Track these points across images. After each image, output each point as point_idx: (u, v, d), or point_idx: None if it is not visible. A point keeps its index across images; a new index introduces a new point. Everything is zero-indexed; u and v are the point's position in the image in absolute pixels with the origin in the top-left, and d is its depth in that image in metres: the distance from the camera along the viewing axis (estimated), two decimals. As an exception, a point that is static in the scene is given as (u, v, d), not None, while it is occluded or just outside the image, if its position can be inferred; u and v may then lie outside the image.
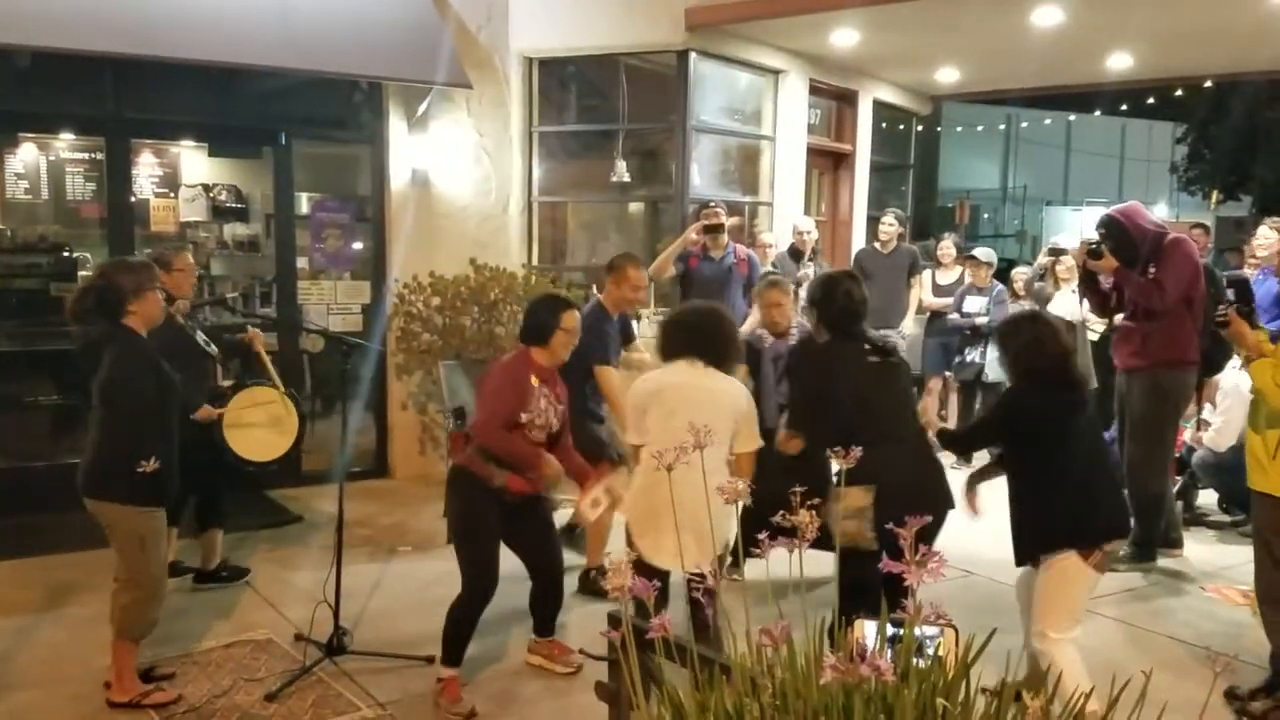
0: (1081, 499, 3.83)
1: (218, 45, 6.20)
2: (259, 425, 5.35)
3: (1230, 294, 4.38)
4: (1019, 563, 4.06)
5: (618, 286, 5.41)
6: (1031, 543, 3.94)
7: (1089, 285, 6.09)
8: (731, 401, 4.02)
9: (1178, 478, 6.71)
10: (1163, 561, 6.02)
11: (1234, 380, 6.06)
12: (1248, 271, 7.03)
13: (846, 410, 4.03)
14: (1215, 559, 6.21)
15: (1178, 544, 6.20)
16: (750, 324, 6.50)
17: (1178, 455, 6.57)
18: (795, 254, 8.24)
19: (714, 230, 6.98)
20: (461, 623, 4.17)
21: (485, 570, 4.15)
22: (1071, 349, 4.13)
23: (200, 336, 5.35)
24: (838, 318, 4.22)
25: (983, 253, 8.66)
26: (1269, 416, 4.05)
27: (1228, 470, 6.38)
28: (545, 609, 4.51)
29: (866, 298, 4.28)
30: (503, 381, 4.22)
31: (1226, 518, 6.93)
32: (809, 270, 8.01)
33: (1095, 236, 5.89)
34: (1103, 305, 6.15)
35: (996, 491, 4.08)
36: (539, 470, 4.20)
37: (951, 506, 4.02)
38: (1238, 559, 5.83)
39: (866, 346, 4.13)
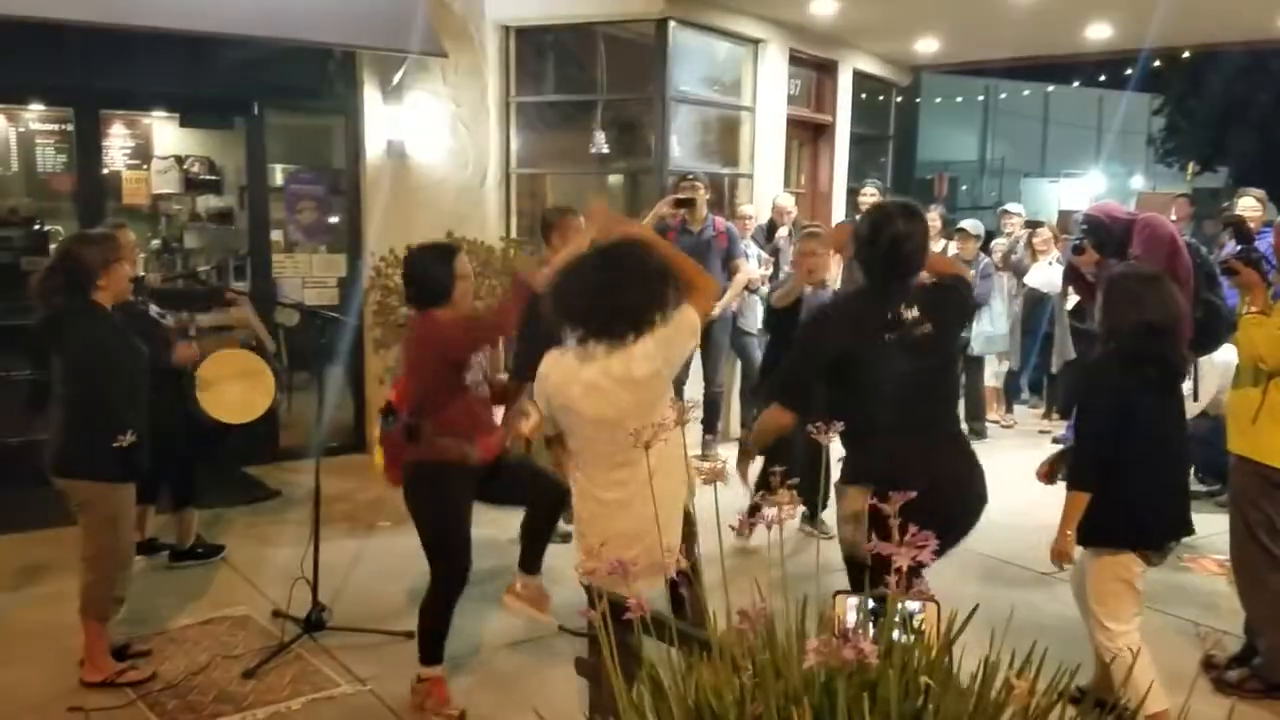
0: (1149, 493, 3.57)
1: (188, 13, 6.08)
2: (233, 387, 5.29)
3: (1231, 240, 4.33)
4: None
5: (565, 241, 4.82)
6: (1088, 529, 3.59)
7: (1074, 277, 6.14)
8: (662, 377, 3.18)
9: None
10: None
11: (1223, 356, 6.05)
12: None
13: (857, 387, 3.30)
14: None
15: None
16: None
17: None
18: (771, 229, 8.22)
19: (686, 204, 6.92)
20: (442, 615, 3.96)
21: (464, 553, 3.98)
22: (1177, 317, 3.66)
23: (154, 309, 5.26)
24: (879, 264, 3.36)
25: (971, 225, 8.66)
26: (1253, 375, 4.05)
27: (1203, 441, 6.41)
28: (541, 536, 4.10)
29: (924, 244, 3.41)
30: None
31: (1203, 488, 6.97)
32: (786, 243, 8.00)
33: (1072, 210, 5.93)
34: (1090, 293, 6.21)
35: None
36: (490, 429, 4.02)
37: (984, 502, 3.42)
38: (1214, 529, 5.86)
39: (897, 309, 3.27)
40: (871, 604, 1.68)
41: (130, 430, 4.01)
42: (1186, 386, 6.43)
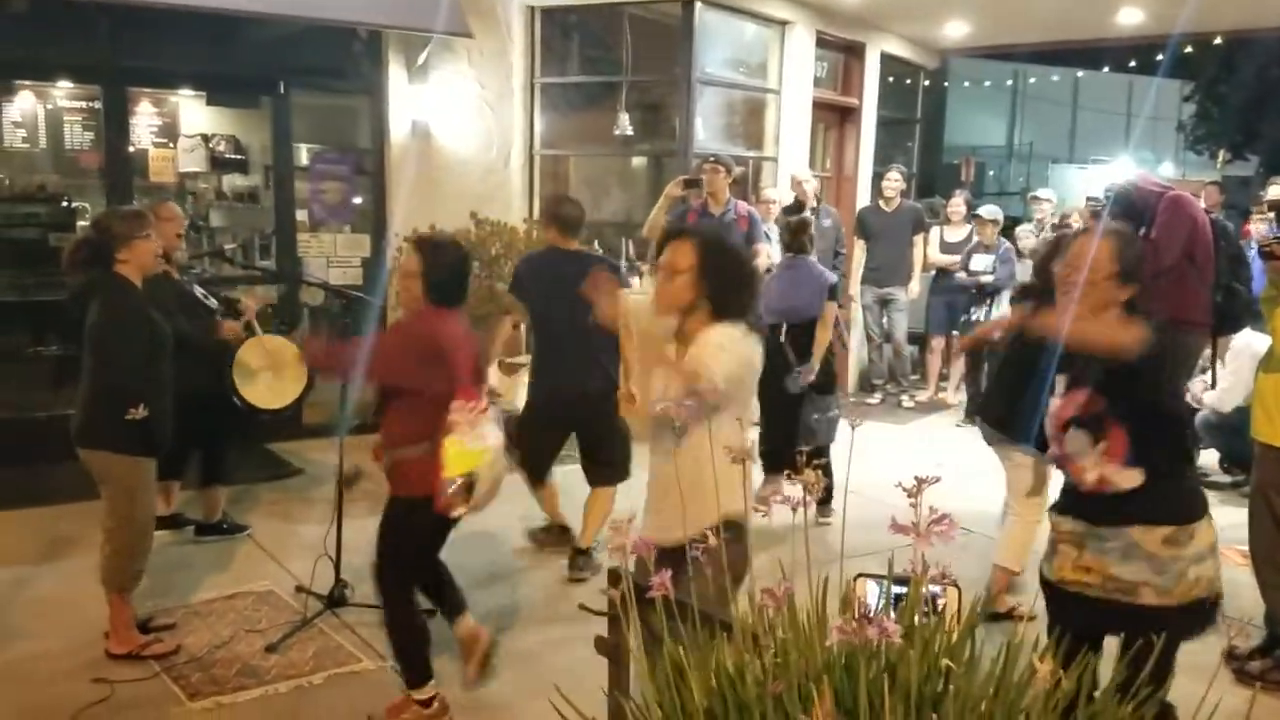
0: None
1: (215, -8, 6.11)
2: (268, 373, 5.33)
3: (1273, 223, 4.25)
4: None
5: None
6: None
7: None
8: None
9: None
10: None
11: (1245, 340, 5.99)
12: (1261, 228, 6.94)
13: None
14: (1215, 519, 6.19)
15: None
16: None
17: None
18: (798, 209, 8.18)
19: (693, 184, 6.88)
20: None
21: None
22: None
23: (198, 290, 5.31)
24: None
25: (987, 210, 8.59)
26: None
27: (1230, 430, 6.35)
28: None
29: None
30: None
31: (1227, 478, 6.91)
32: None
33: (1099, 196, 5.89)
34: None
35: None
36: None
37: None
38: (1238, 519, 5.81)
39: None
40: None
41: (144, 404, 4.02)
42: (1204, 376, 6.40)
